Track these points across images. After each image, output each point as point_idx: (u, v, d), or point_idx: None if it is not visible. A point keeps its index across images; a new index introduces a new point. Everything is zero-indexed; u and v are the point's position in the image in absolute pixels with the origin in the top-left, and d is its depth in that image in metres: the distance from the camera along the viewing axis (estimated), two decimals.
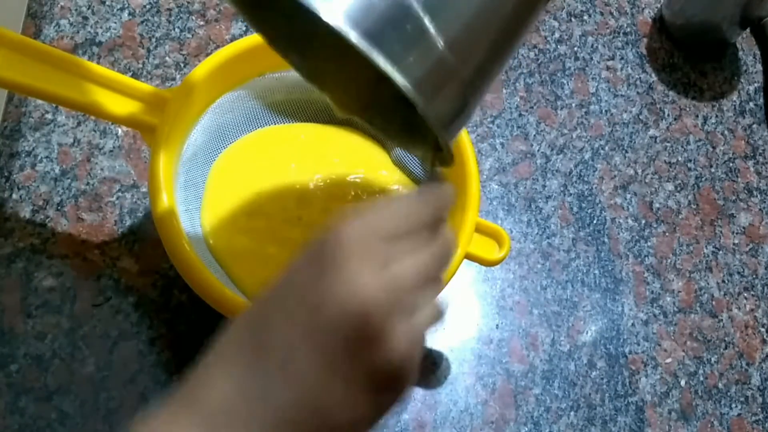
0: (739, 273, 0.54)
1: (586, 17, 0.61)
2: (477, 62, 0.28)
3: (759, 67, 0.62)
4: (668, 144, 0.58)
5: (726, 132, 0.59)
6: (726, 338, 0.52)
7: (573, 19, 0.61)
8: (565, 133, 0.56)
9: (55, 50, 0.39)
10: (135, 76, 0.51)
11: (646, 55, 0.61)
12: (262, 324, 0.26)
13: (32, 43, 0.39)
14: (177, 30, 0.53)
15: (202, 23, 0.53)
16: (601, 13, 0.62)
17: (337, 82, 0.35)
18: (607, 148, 0.57)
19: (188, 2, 0.54)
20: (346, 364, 0.25)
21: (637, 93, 0.59)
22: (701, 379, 0.51)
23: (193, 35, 0.53)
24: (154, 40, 0.52)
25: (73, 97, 0.39)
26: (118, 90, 0.40)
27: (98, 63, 0.50)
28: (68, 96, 0.39)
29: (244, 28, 0.54)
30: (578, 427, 0.48)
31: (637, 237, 0.54)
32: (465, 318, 0.49)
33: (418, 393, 0.46)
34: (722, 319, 0.53)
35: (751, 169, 0.58)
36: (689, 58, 0.61)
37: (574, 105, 0.57)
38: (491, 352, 0.48)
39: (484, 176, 0.53)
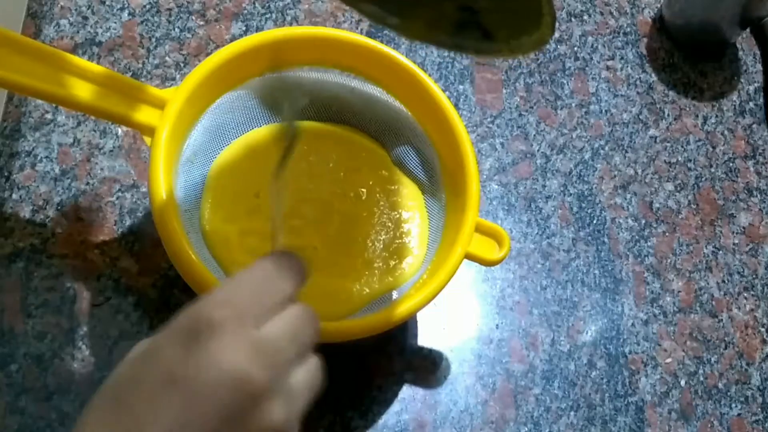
0: (739, 273, 0.54)
1: (586, 17, 0.61)
2: None
3: (759, 67, 0.62)
4: (668, 144, 0.58)
5: (726, 132, 0.59)
6: (726, 338, 0.52)
7: (573, 19, 0.61)
8: (565, 133, 0.56)
9: (55, 50, 0.39)
10: (135, 76, 0.51)
11: (646, 55, 0.61)
12: (124, 409, 0.26)
13: (32, 43, 0.39)
14: (177, 30, 0.53)
15: (202, 23, 0.53)
16: (601, 13, 0.62)
17: None
18: (607, 148, 0.57)
19: (188, 2, 0.54)
20: None
21: (637, 93, 0.59)
22: (701, 379, 0.51)
23: (193, 35, 0.53)
24: (154, 40, 0.52)
25: (73, 97, 0.39)
26: (118, 90, 0.40)
27: (98, 63, 0.50)
28: (68, 96, 0.39)
29: (244, 28, 0.54)
30: (578, 427, 0.48)
31: (637, 237, 0.54)
32: (465, 318, 0.49)
33: (418, 393, 0.46)
34: (722, 319, 0.53)
35: (751, 169, 0.58)
36: (689, 58, 0.61)
37: (574, 105, 0.57)
38: (491, 352, 0.48)
39: (484, 176, 0.53)
